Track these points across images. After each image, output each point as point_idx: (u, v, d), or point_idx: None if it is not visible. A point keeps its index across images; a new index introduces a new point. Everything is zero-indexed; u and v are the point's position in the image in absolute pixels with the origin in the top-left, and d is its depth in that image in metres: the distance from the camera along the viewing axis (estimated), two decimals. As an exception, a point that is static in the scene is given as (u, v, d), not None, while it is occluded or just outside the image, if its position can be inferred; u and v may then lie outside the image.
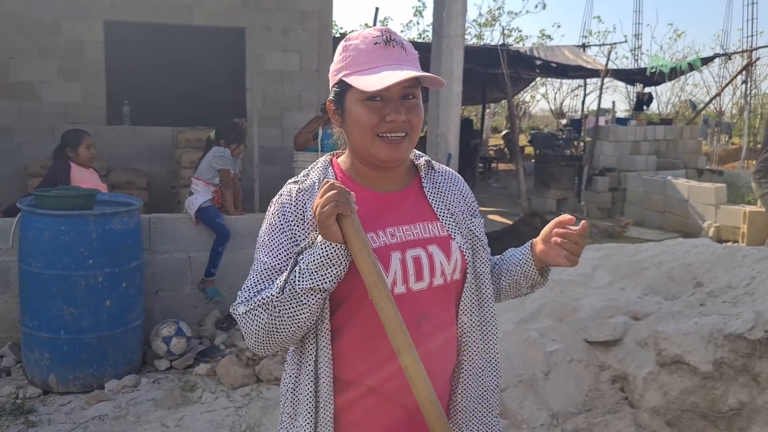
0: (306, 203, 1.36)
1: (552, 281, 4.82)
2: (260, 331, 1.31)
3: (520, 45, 19.69)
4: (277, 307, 1.28)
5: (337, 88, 1.39)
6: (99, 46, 7.30)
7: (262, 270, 1.35)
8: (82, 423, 3.62)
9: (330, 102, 1.42)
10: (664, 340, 3.43)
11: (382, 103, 1.33)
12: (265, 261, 1.36)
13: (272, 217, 1.39)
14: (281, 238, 1.35)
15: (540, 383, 3.66)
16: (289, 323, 1.29)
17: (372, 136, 1.34)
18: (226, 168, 5.08)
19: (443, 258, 1.40)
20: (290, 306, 1.27)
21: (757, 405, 3.17)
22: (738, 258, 4.23)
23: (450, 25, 5.16)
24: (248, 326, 1.33)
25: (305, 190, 1.38)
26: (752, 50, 13.79)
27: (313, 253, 1.26)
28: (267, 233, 1.38)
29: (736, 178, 11.04)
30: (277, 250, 1.35)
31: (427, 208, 1.46)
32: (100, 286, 3.96)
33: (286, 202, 1.37)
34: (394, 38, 1.36)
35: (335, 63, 1.40)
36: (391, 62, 1.33)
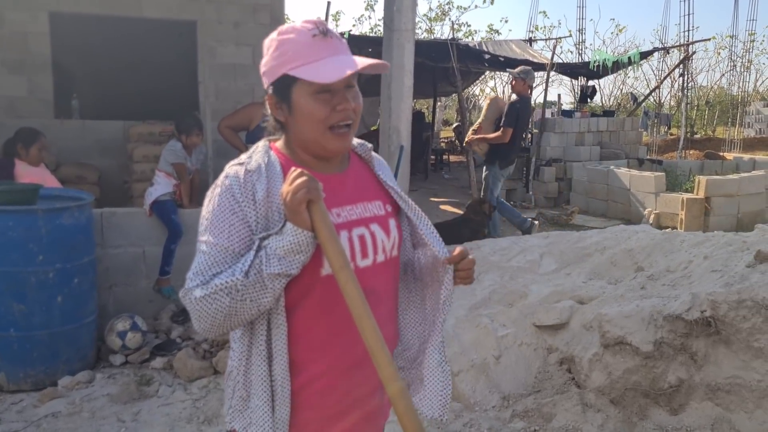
0: (255, 184, 1.35)
1: (502, 268, 4.97)
2: (218, 315, 1.30)
3: (469, 39, 19.92)
4: (240, 291, 1.28)
5: (278, 83, 1.39)
6: (44, 38, 7.09)
7: (216, 252, 1.32)
8: (34, 421, 3.56)
9: (271, 97, 1.42)
10: (608, 322, 3.59)
11: (330, 95, 1.37)
12: (218, 243, 1.32)
13: (220, 198, 1.35)
14: (233, 219, 1.33)
15: (491, 367, 3.79)
16: (250, 306, 1.30)
17: (324, 129, 1.39)
18: (179, 161, 5.04)
19: (384, 236, 1.49)
20: (255, 290, 1.29)
21: (695, 382, 3.36)
22: (676, 243, 4.45)
23: (401, 18, 5.22)
24: (204, 310, 1.30)
25: (252, 171, 1.37)
26: (688, 44, 14.30)
27: (282, 239, 1.29)
28: (217, 215, 1.34)
29: (674, 167, 11.47)
30: (230, 231, 1.33)
31: (365, 188, 1.53)
32: (50, 283, 3.90)
33: (234, 183, 1.35)
34: (328, 29, 1.40)
35: (270, 59, 1.40)
36: (333, 52, 1.38)
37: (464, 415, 3.51)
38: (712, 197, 8.53)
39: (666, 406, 3.40)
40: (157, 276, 4.79)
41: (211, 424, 3.53)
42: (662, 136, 17.86)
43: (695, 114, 22.26)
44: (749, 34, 20.23)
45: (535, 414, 3.47)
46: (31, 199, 3.96)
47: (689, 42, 14.38)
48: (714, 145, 17.95)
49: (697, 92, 22.94)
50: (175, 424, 3.54)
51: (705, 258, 4.00)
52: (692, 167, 11.57)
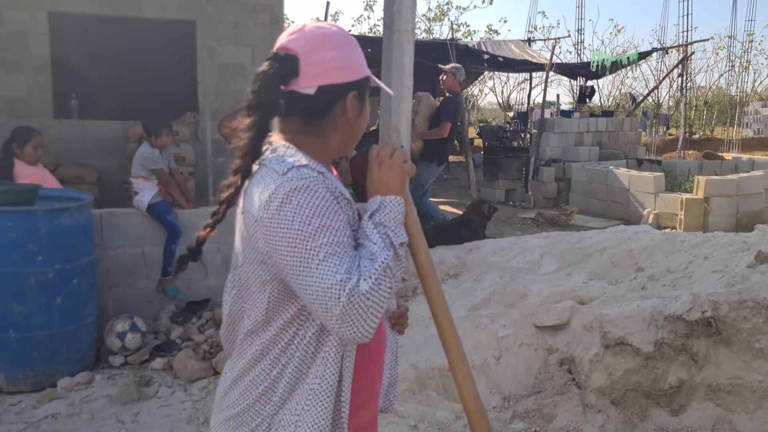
0: (335, 184, 1.32)
1: (502, 269, 4.97)
2: (383, 303, 1.20)
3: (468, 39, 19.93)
4: (392, 269, 1.23)
5: (362, 83, 1.40)
6: (43, 38, 7.08)
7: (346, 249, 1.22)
8: (33, 422, 3.55)
9: (355, 93, 1.38)
10: (609, 323, 3.59)
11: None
12: (344, 241, 1.23)
13: (317, 200, 1.23)
14: (341, 215, 1.27)
15: (492, 367, 3.79)
16: (395, 284, 1.25)
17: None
18: (157, 167, 4.97)
19: None
20: (397, 265, 1.26)
21: (695, 382, 3.36)
22: (676, 243, 4.45)
23: (401, 19, 5.20)
24: (377, 302, 1.19)
25: (323, 173, 1.31)
26: (687, 45, 14.31)
27: (393, 210, 1.30)
28: (325, 215, 1.23)
29: (673, 168, 11.48)
30: (344, 228, 1.26)
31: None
32: (50, 283, 3.89)
33: (321, 185, 1.26)
34: None
35: (356, 55, 1.38)
36: None
37: (464, 416, 3.49)
38: (711, 197, 8.54)
39: (667, 406, 3.40)
40: (159, 277, 4.78)
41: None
42: (661, 137, 17.87)
43: (694, 114, 22.28)
44: (748, 34, 20.28)
45: (535, 415, 3.47)
46: (31, 199, 3.95)
47: (688, 42, 14.39)
48: (712, 146, 17.97)
49: (696, 92, 22.97)
50: (175, 426, 3.53)
51: (705, 258, 4.00)
52: (691, 167, 11.58)
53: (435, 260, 5.68)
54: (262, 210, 1.26)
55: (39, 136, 4.62)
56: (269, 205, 1.25)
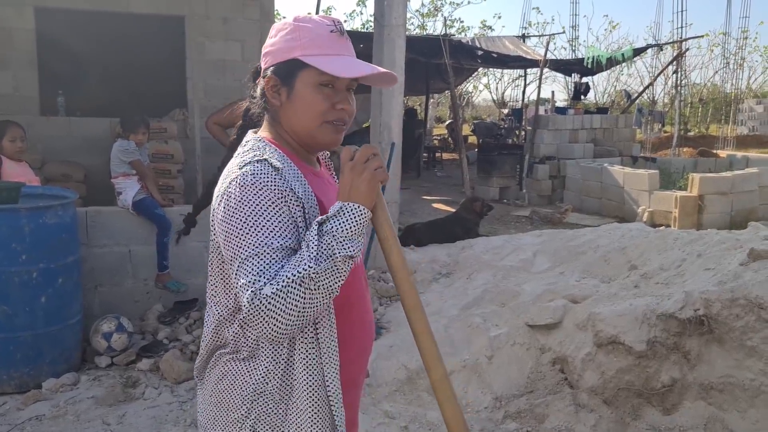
0: (289, 181, 1.29)
1: (494, 267, 4.93)
2: (292, 311, 1.19)
3: (462, 35, 19.89)
4: (314, 279, 1.19)
5: (285, 65, 1.37)
6: (30, 34, 7.00)
7: (272, 252, 1.23)
8: (18, 424, 3.50)
9: (271, 78, 1.38)
10: (601, 321, 3.56)
11: (332, 91, 1.36)
12: (272, 242, 1.23)
13: (259, 197, 1.25)
14: (281, 215, 1.26)
15: (484, 367, 3.75)
16: (324, 296, 1.22)
17: (321, 121, 1.37)
18: (134, 158, 4.89)
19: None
20: (327, 276, 1.21)
21: (688, 381, 3.33)
22: (669, 241, 4.42)
23: (391, 14, 5.16)
24: (278, 308, 1.19)
25: (280, 168, 1.30)
26: (682, 41, 14.29)
27: (348, 220, 1.24)
28: (261, 214, 1.24)
29: (668, 165, 11.46)
30: (281, 228, 1.25)
31: (334, 188, 1.50)
32: (34, 283, 3.82)
33: (270, 181, 1.27)
34: (344, 30, 1.40)
35: (282, 41, 1.38)
36: (347, 52, 1.39)
37: (455, 416, 3.46)
38: (705, 195, 8.52)
39: (659, 405, 3.37)
40: (156, 273, 4.71)
41: (198, 426, 3.46)
42: (656, 134, 17.88)
43: (689, 111, 22.30)
44: (742, 31, 20.28)
45: (527, 415, 3.43)
46: (14, 197, 3.88)
47: (682, 39, 14.37)
48: (707, 143, 17.98)
49: (691, 89, 22.99)
50: (161, 427, 3.48)
51: (698, 256, 3.96)
52: (686, 165, 11.56)
53: (427, 258, 5.65)
54: (216, 202, 1.32)
55: (16, 128, 4.45)
56: (221, 198, 1.30)
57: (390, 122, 5.26)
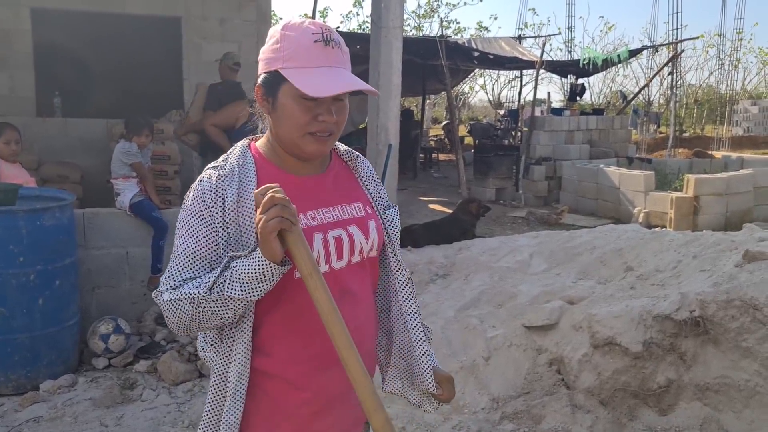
0: (226, 189, 1.36)
1: (491, 269, 4.94)
2: (182, 319, 1.34)
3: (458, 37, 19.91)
4: (202, 304, 1.31)
5: (269, 77, 1.39)
6: (26, 35, 6.99)
7: (185, 256, 1.35)
8: (15, 426, 3.50)
9: (259, 88, 1.41)
10: (597, 322, 3.57)
11: (314, 103, 1.36)
12: (187, 247, 1.35)
13: (192, 203, 1.37)
14: (201, 224, 1.35)
15: (480, 368, 3.76)
16: (212, 319, 1.33)
17: (302, 132, 1.38)
18: (136, 161, 4.91)
19: (362, 237, 1.48)
20: (215, 306, 1.31)
21: (684, 382, 3.35)
22: (665, 242, 4.44)
23: (388, 15, 5.18)
24: (170, 314, 1.35)
25: (225, 176, 1.37)
26: (677, 42, 14.33)
27: (248, 265, 1.28)
28: (187, 219, 1.37)
29: (663, 166, 11.50)
30: (198, 236, 1.35)
31: (345, 190, 1.52)
32: (31, 285, 3.83)
33: (207, 188, 1.36)
34: (333, 38, 1.37)
35: (269, 50, 1.39)
36: (329, 63, 1.36)
37: (453, 417, 3.47)
38: (700, 196, 8.55)
39: (655, 406, 3.38)
40: (149, 275, 4.72)
41: (196, 428, 3.46)
42: (651, 135, 17.92)
43: (684, 112, 22.37)
44: (737, 32, 20.34)
45: (524, 416, 3.44)
46: (11, 199, 3.88)
47: (678, 40, 14.42)
48: (703, 144, 18.03)
49: (686, 90, 23.06)
50: (159, 428, 3.48)
51: (694, 257, 3.98)
52: (681, 166, 11.60)
53: (424, 260, 5.65)
54: None
55: (11, 130, 4.45)
56: None
57: (387, 123, 5.28)
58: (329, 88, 1.32)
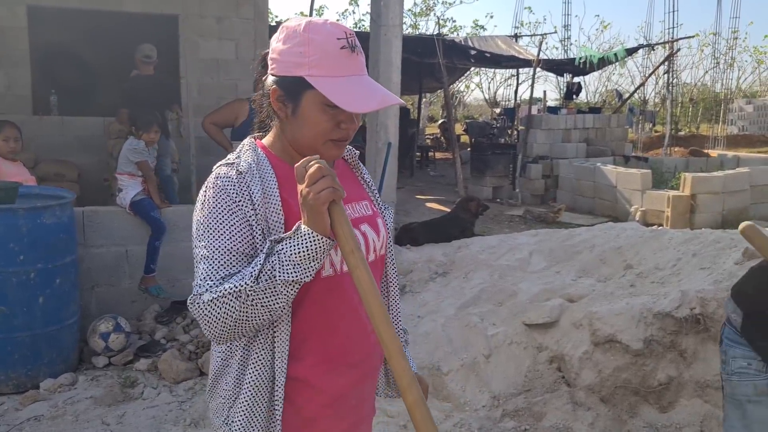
0: (251, 185, 1.30)
1: (491, 267, 4.95)
2: (227, 320, 1.24)
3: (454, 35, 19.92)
4: (251, 296, 1.22)
5: (292, 81, 1.32)
6: (22, 33, 6.96)
7: (221, 254, 1.27)
8: (16, 425, 3.49)
9: (276, 90, 1.35)
10: (598, 320, 3.59)
11: (338, 111, 1.32)
12: (221, 244, 1.27)
13: (215, 199, 1.30)
14: (233, 219, 1.28)
15: (481, 366, 3.77)
16: (262, 312, 1.24)
17: (325, 140, 1.35)
18: (142, 159, 4.91)
19: (374, 235, 1.47)
20: (266, 296, 1.23)
21: (684, 379, 3.37)
22: (664, 240, 4.46)
23: (388, 14, 5.18)
24: (213, 315, 1.24)
25: (245, 172, 1.32)
26: (673, 41, 14.38)
27: (297, 245, 1.22)
28: (215, 216, 1.29)
29: (660, 165, 11.53)
30: (231, 231, 1.28)
31: (351, 189, 1.48)
32: (32, 283, 3.82)
33: (228, 184, 1.30)
34: (357, 44, 1.34)
35: (291, 53, 1.32)
36: (356, 71, 1.33)
37: (454, 415, 3.48)
38: (697, 194, 8.59)
39: (656, 403, 3.40)
40: (142, 275, 4.71)
41: (198, 426, 3.47)
42: (647, 134, 17.97)
43: (680, 111, 22.44)
44: (732, 31, 20.42)
45: (525, 413, 3.45)
46: (11, 197, 3.87)
47: (673, 39, 14.46)
48: (698, 142, 18.09)
49: (682, 89, 23.13)
50: (160, 427, 3.48)
51: (693, 255, 4.00)
52: (677, 164, 11.64)
53: (424, 258, 5.65)
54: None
55: (11, 128, 4.43)
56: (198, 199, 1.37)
57: (386, 121, 5.28)
58: (367, 103, 1.30)
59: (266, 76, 1.40)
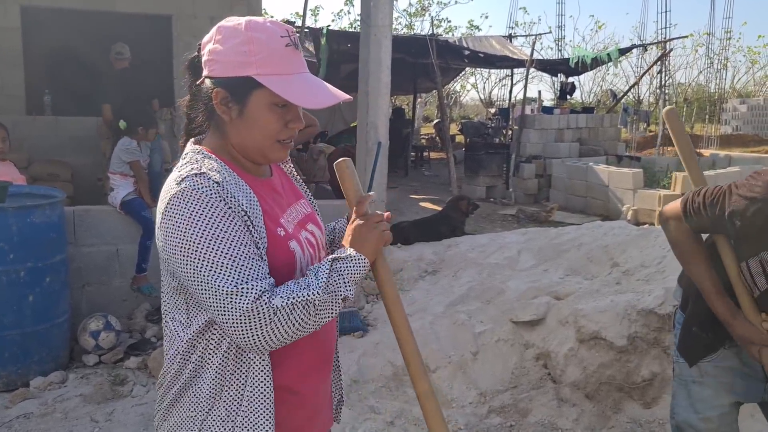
0: (234, 194, 1.25)
1: (480, 265, 4.98)
2: (294, 327, 1.21)
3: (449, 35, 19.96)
4: (317, 307, 1.23)
5: (238, 82, 1.28)
6: (16, 33, 6.98)
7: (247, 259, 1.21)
8: (6, 422, 3.51)
9: (220, 92, 1.30)
10: (583, 317, 3.63)
11: (284, 110, 1.31)
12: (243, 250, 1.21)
13: (209, 208, 1.21)
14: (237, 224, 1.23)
15: (469, 363, 3.80)
16: (316, 324, 1.25)
17: (273, 140, 1.33)
18: (136, 159, 4.94)
19: (319, 232, 1.50)
20: (325, 308, 1.24)
21: (668, 375, 3.40)
22: (651, 238, 4.50)
23: (377, 14, 5.20)
24: (282, 321, 1.20)
25: (221, 182, 1.25)
26: (666, 41, 14.43)
27: (355, 266, 1.30)
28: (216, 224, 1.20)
29: (652, 164, 11.58)
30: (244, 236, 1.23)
31: (290, 189, 1.49)
32: (21, 281, 3.83)
33: (213, 192, 1.22)
34: (298, 41, 1.33)
35: (234, 51, 1.28)
36: (301, 69, 1.33)
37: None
38: (688, 193, 8.62)
39: (639, 399, 3.44)
40: (134, 274, 4.73)
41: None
42: (641, 133, 18.02)
43: (673, 111, 22.45)
44: (726, 32, 20.48)
45: (511, 409, 3.49)
46: (1, 197, 3.89)
47: (666, 39, 14.51)
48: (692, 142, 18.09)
49: (676, 89, 23.21)
50: (149, 424, 3.50)
51: (678, 253, 4.03)
52: (670, 164, 11.68)
53: (414, 257, 5.67)
54: (160, 219, 1.26)
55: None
56: (164, 216, 1.24)
57: (376, 121, 5.30)
58: (324, 98, 1.30)
59: (201, 80, 1.34)
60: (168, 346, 1.39)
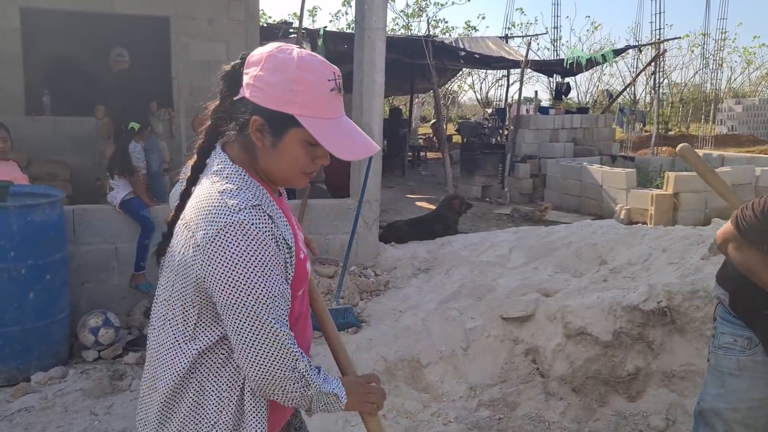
0: (281, 228, 1.34)
1: (472, 263, 5.07)
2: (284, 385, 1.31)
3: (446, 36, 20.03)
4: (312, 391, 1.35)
5: (279, 117, 1.32)
6: (15, 34, 7.05)
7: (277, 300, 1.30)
8: (7, 416, 3.58)
9: (259, 120, 1.32)
10: (570, 313, 3.71)
11: (316, 147, 1.35)
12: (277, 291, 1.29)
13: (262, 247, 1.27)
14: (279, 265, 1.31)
15: (459, 358, 3.89)
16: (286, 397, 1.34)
17: (299, 172, 1.39)
18: (138, 164, 5.08)
19: (310, 254, 1.60)
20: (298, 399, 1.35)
21: (651, 369, 3.49)
22: (638, 237, 4.59)
23: (372, 17, 5.28)
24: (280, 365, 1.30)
25: (273, 218, 1.32)
26: (660, 42, 14.52)
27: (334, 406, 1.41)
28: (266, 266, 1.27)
29: (646, 164, 11.67)
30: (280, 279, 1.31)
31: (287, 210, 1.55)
32: (22, 279, 3.91)
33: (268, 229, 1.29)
34: (342, 85, 1.37)
35: (282, 88, 1.31)
36: (340, 113, 1.37)
37: (432, 405, 3.59)
38: (680, 193, 8.72)
39: (624, 393, 3.52)
40: (132, 272, 4.82)
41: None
42: (637, 133, 18.12)
43: (669, 111, 22.62)
44: (721, 32, 20.60)
45: (500, 403, 3.57)
46: (2, 196, 3.97)
47: (661, 40, 14.60)
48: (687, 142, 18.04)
49: (672, 89, 23.31)
50: (147, 418, 3.58)
51: (663, 251, 4.13)
52: (663, 164, 11.78)
53: (408, 255, 5.75)
54: (209, 242, 1.27)
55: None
56: (217, 240, 1.26)
57: (370, 123, 5.39)
58: (357, 150, 1.35)
59: (239, 96, 1.36)
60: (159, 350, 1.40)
